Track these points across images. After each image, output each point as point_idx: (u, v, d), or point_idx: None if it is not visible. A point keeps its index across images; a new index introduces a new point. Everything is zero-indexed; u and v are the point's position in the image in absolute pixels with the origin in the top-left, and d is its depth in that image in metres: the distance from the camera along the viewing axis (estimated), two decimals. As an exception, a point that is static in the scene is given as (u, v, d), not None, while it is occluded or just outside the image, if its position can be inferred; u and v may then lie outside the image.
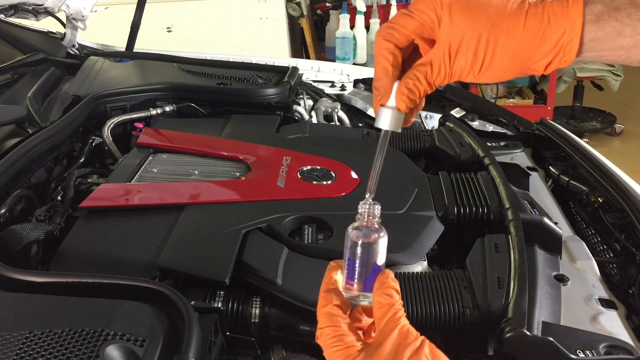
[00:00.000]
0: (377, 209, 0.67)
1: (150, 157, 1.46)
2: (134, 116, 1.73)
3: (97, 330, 0.78)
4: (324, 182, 1.31)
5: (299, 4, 4.23)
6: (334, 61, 3.83)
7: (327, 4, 4.36)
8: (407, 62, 0.65)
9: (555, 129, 1.62)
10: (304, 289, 0.96)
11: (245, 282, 1.00)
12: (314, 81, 2.24)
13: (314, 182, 1.31)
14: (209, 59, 2.25)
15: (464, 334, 0.94)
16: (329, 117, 1.94)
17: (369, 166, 0.68)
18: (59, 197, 1.31)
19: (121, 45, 2.46)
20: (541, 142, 1.64)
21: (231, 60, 2.29)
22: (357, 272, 0.67)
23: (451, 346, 0.95)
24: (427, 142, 1.59)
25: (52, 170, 1.46)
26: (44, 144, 1.39)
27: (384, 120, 0.65)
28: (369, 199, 0.67)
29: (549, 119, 1.81)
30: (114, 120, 1.67)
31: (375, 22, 4.10)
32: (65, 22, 2.38)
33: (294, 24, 4.44)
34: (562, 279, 1.05)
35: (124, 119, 1.70)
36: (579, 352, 0.83)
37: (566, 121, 4.80)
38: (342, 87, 2.20)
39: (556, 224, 1.20)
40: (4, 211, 1.17)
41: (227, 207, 1.21)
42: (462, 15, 0.60)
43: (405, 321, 0.62)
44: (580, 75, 4.58)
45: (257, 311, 0.96)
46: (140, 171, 1.38)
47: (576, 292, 1.05)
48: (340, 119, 1.96)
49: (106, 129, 1.62)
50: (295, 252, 1.06)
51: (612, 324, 0.98)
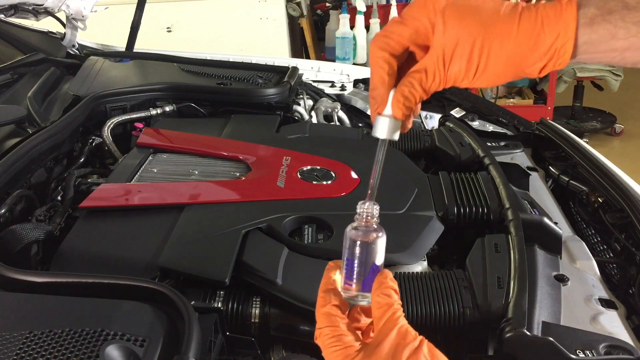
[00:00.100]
0: (376, 209, 0.67)
1: (150, 157, 1.46)
2: (134, 116, 1.73)
3: (97, 330, 0.78)
4: (324, 182, 1.31)
5: (299, 4, 4.23)
6: (334, 61, 3.83)
7: (327, 4, 4.35)
8: (402, 69, 0.64)
9: (555, 129, 1.62)
10: (304, 289, 0.96)
11: (245, 282, 1.00)
12: (314, 81, 2.24)
13: (314, 182, 1.31)
14: (209, 59, 2.25)
15: (464, 334, 0.94)
16: (329, 117, 1.94)
17: (369, 166, 0.67)
18: (59, 197, 1.32)
19: (121, 45, 2.46)
20: (541, 142, 1.64)
21: (231, 60, 2.29)
22: (355, 272, 0.67)
23: (451, 346, 0.94)
24: (427, 142, 1.59)
25: (52, 170, 1.46)
26: (44, 144, 1.39)
27: (381, 129, 0.65)
28: (370, 204, 0.67)
29: (549, 119, 1.81)
30: (114, 120, 1.67)
31: (375, 22, 4.10)
32: (65, 22, 2.38)
33: (294, 24, 4.44)
34: (562, 279, 1.05)
35: (124, 119, 1.71)
36: (579, 352, 0.83)
37: (566, 121, 4.80)
38: (342, 87, 2.20)
39: (556, 224, 1.20)
40: (4, 211, 1.17)
41: (227, 207, 1.21)
42: (456, 20, 0.59)
43: (403, 321, 0.62)
44: (580, 75, 4.58)
45: (257, 311, 0.96)
46: (140, 171, 1.38)
47: (576, 292, 1.05)
48: (340, 119, 1.96)
49: (106, 129, 1.62)
50: (295, 252, 1.06)
51: (612, 324, 0.98)
